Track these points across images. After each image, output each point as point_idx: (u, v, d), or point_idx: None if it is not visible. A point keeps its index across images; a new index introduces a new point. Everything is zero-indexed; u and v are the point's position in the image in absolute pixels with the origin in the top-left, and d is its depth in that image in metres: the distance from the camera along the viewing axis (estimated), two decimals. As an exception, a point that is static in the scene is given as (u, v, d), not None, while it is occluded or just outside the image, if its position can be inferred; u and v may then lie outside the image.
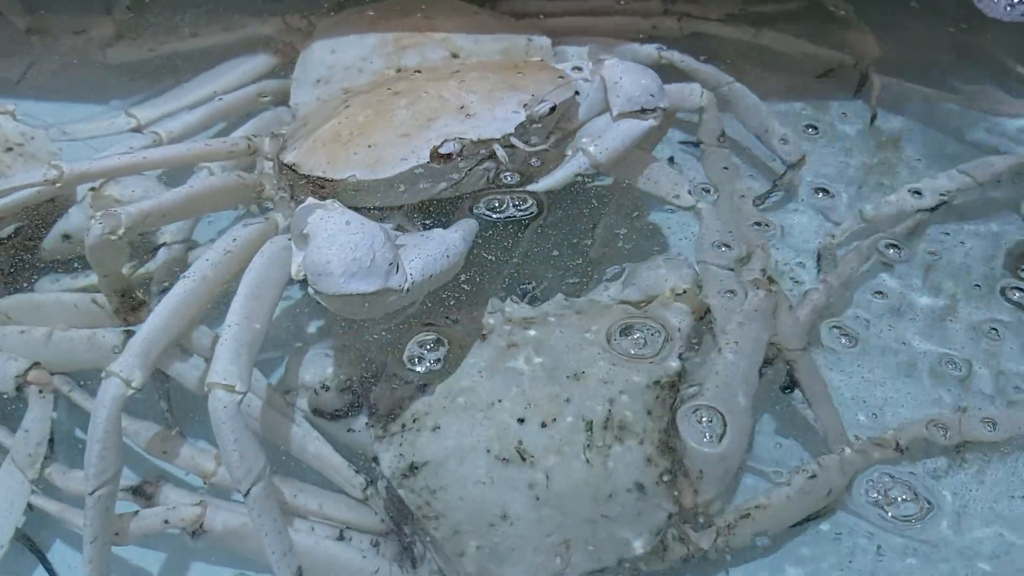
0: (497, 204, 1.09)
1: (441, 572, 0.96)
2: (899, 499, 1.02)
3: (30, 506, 0.99)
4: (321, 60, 1.28)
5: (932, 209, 1.28)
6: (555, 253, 1.20)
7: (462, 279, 1.07)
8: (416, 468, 0.94)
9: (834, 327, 1.18)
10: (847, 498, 1.03)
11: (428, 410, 0.97)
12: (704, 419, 0.99)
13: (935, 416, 1.07)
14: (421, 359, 1.02)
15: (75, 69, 1.46)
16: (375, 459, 0.97)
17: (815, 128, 1.44)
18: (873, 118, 1.44)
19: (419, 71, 1.16)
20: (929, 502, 1.02)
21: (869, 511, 1.02)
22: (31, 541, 1.01)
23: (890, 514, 1.02)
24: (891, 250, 1.25)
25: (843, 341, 1.17)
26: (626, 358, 1.00)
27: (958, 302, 1.23)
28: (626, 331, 1.03)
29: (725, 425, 0.98)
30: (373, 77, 1.23)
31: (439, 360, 1.02)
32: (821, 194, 1.35)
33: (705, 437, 0.98)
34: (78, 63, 1.46)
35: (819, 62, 1.45)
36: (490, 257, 1.15)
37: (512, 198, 1.09)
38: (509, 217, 1.10)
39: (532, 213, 1.11)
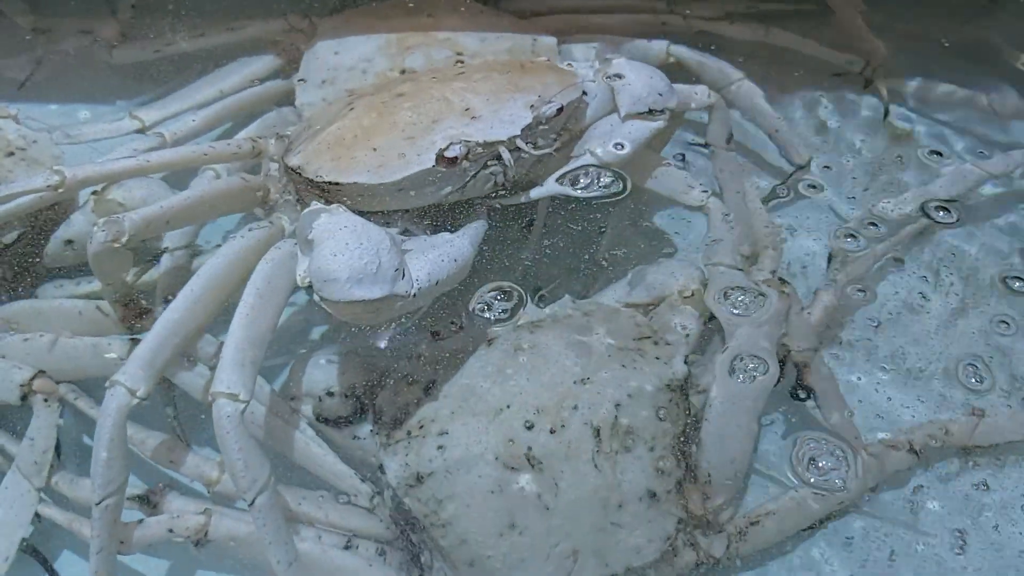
0: (581, 179, 1.08)
1: (449, 581, 0.95)
2: (823, 465, 1.02)
3: (38, 516, 0.99)
4: (325, 61, 1.27)
5: (941, 207, 1.27)
6: (563, 254, 1.19)
7: (469, 281, 1.06)
8: (422, 477, 0.93)
9: (844, 327, 1.17)
10: (862, 500, 1.03)
11: (434, 417, 0.96)
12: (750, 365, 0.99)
13: (949, 419, 1.06)
14: (490, 307, 1.02)
15: (79, 71, 1.45)
16: (381, 467, 0.96)
17: (825, 126, 1.43)
18: (885, 114, 1.42)
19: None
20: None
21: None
22: (37, 551, 1.01)
23: (812, 479, 1.01)
24: (902, 249, 1.24)
25: (854, 342, 1.16)
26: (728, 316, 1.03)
27: (970, 301, 1.22)
28: (727, 294, 1.03)
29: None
30: (377, 78, 1.22)
31: (506, 311, 1.02)
32: (831, 193, 1.34)
33: (739, 378, 0.98)
34: (82, 65, 1.45)
35: (828, 61, 1.43)
36: (497, 259, 1.14)
37: (598, 173, 1.07)
38: (592, 194, 1.08)
39: (616, 191, 1.09)
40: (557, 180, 1.05)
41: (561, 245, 1.19)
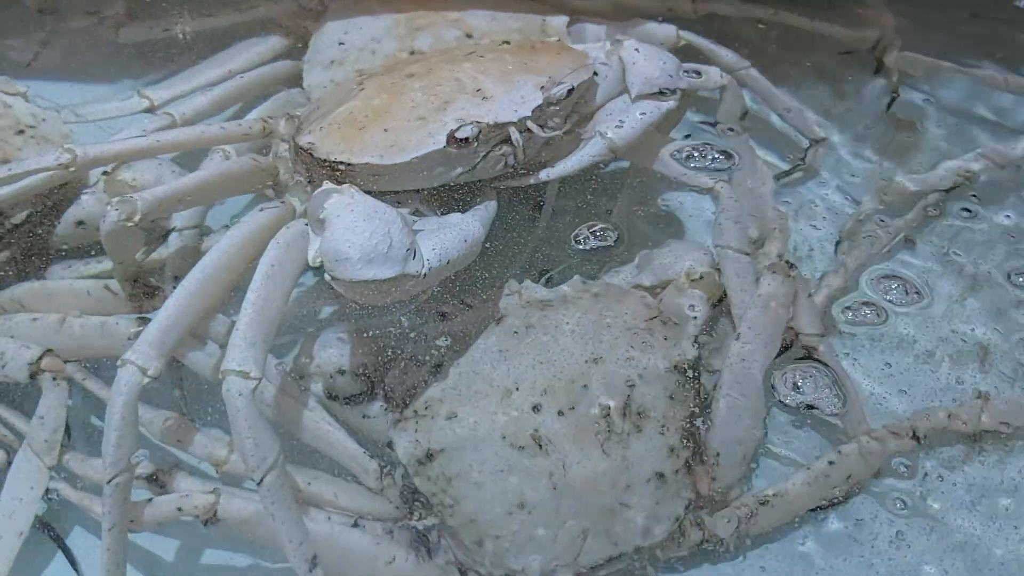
0: (696, 154, 1.08)
1: (457, 560, 0.96)
2: (803, 387, 1.05)
3: (49, 493, 0.99)
4: (334, 41, 1.27)
5: (950, 190, 1.27)
6: (572, 235, 1.19)
7: (478, 262, 1.06)
8: (432, 455, 0.94)
9: (851, 311, 1.17)
10: (869, 484, 1.03)
11: (443, 396, 0.96)
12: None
13: (954, 404, 1.06)
14: (587, 239, 1.04)
15: (87, 49, 1.45)
16: (390, 445, 0.97)
17: (834, 108, 1.43)
18: (894, 98, 1.42)
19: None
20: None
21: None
22: (51, 528, 1.02)
23: (792, 402, 1.04)
24: (910, 231, 1.24)
25: (861, 325, 1.16)
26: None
27: (978, 284, 1.22)
28: (882, 280, 1.10)
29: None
30: (386, 59, 1.22)
31: (600, 247, 1.06)
32: (840, 176, 1.34)
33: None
34: (90, 43, 1.45)
35: (838, 41, 1.43)
36: (507, 240, 1.14)
37: (712, 150, 1.08)
38: (701, 167, 1.09)
39: (722, 167, 1.10)
40: (671, 155, 1.10)
41: (571, 225, 1.19)
